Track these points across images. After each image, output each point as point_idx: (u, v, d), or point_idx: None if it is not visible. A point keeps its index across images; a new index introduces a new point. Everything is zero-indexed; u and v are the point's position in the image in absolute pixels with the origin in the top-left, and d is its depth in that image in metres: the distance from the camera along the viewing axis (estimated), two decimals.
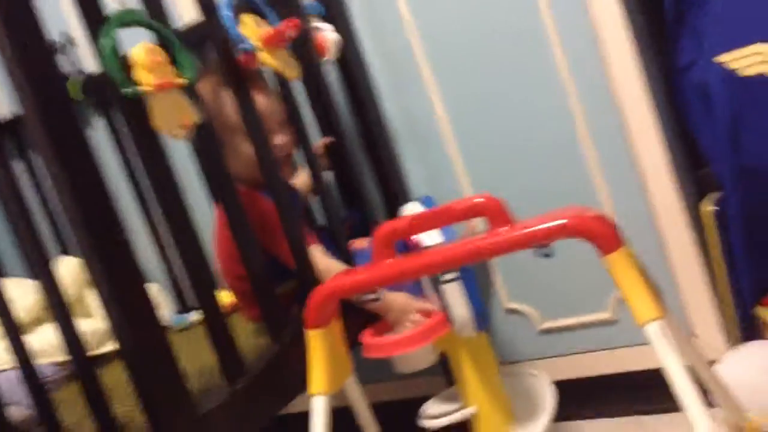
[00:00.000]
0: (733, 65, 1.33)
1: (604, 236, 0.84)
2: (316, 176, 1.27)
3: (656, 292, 0.85)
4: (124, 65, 0.92)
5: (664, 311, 0.83)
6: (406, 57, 1.50)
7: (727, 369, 1.25)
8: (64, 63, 1.77)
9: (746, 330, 1.39)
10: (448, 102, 1.49)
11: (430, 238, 1.11)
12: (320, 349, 0.98)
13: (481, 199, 0.91)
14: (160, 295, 1.72)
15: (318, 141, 1.44)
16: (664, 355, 0.81)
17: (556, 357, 1.53)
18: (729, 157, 1.37)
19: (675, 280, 1.37)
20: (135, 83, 0.92)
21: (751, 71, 1.31)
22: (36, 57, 0.83)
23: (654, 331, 0.81)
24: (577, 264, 1.44)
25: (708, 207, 1.39)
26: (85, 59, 1.74)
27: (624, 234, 0.87)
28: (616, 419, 1.48)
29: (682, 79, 1.39)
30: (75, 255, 1.59)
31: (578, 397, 1.48)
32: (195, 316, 1.64)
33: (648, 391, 1.44)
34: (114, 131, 1.72)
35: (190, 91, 1.00)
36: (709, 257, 1.39)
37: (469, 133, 1.49)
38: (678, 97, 1.42)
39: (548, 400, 1.24)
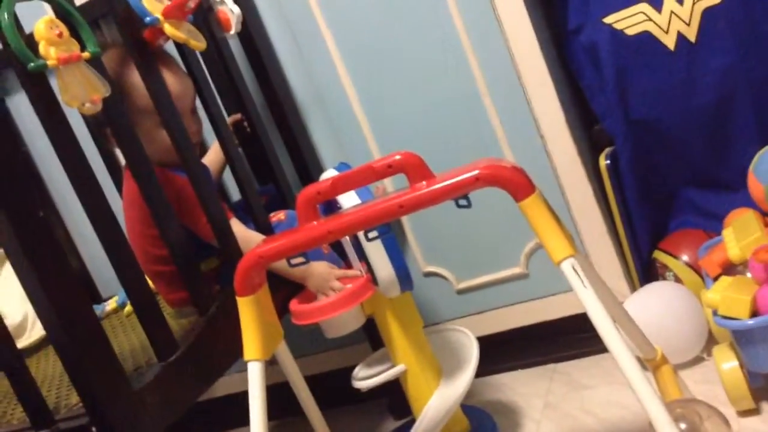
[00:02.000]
0: (618, 26, 1.42)
1: (518, 183, 0.89)
2: (230, 152, 1.27)
3: (567, 233, 0.90)
4: (28, 42, 0.89)
5: (576, 250, 0.88)
6: (306, 24, 1.49)
7: (632, 309, 1.34)
8: None
9: (645, 274, 1.50)
10: (351, 67, 1.50)
11: (349, 200, 1.13)
12: (252, 316, 0.99)
13: (400, 156, 0.94)
14: None
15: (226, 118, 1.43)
16: (581, 291, 0.86)
17: (474, 315, 1.59)
18: (618, 113, 1.46)
19: (577, 229, 1.44)
20: (39, 58, 0.90)
21: (635, 30, 1.41)
22: None
23: (569, 267, 0.86)
24: (486, 224, 1.50)
25: (604, 161, 1.48)
26: None
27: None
28: (532, 369, 1.56)
29: (572, 42, 1.47)
30: None
31: (497, 351, 1.55)
32: (109, 305, 1.61)
33: (561, 338, 1.53)
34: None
35: (95, 64, 0.97)
36: (608, 208, 1.48)
37: (374, 97, 1.51)
38: (570, 59, 1.50)
39: (472, 353, 1.29)
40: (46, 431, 0.94)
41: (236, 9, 1.33)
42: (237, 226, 1.22)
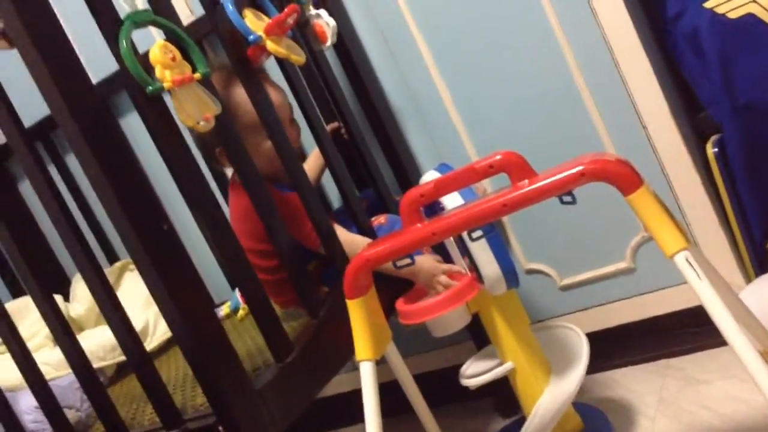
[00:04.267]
0: (720, 9, 1.37)
1: (625, 176, 0.87)
2: (331, 158, 1.30)
3: (680, 224, 0.88)
4: (143, 66, 0.95)
5: (690, 241, 0.86)
6: (399, 31, 1.52)
7: (747, 301, 1.29)
8: None
9: (760, 264, 1.43)
10: (445, 71, 1.51)
11: (453, 201, 1.14)
12: (361, 317, 1.02)
13: (500, 156, 0.94)
14: None
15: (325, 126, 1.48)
16: (696, 284, 0.84)
17: (579, 311, 1.57)
18: (724, 99, 1.41)
19: (687, 221, 1.40)
20: (156, 81, 0.96)
21: (738, 13, 1.35)
22: (61, 58, 0.86)
23: (683, 260, 0.85)
24: (589, 219, 1.48)
25: (711, 149, 1.43)
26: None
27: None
28: (643, 365, 1.53)
29: (673, 29, 1.43)
30: None
31: (605, 348, 1.52)
32: (223, 311, 1.68)
33: (672, 333, 1.49)
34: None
35: (206, 84, 1.03)
36: (718, 197, 1.43)
37: (468, 98, 1.52)
38: (671, 47, 1.45)
39: (582, 349, 1.28)
40: (177, 431, 0.99)
41: (332, 21, 1.37)
42: (341, 231, 1.25)
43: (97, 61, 1.25)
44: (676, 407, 1.33)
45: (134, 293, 1.68)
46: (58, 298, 1.66)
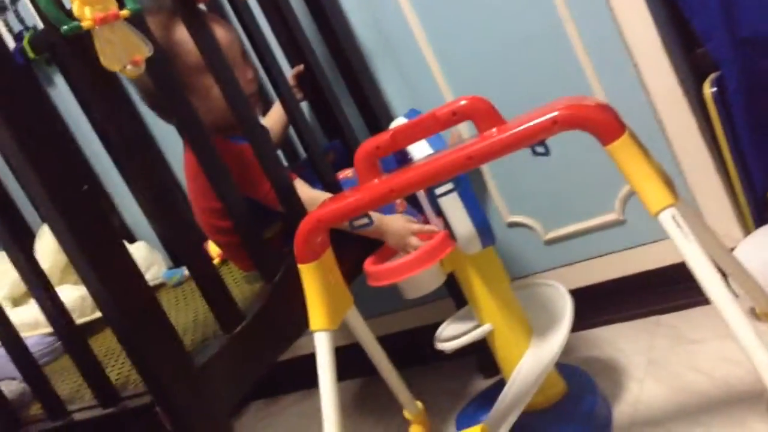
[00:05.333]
0: None
1: (604, 124, 0.77)
2: (291, 108, 1.19)
3: (666, 178, 0.78)
4: (63, 6, 0.84)
5: (676, 196, 0.76)
6: None
7: (744, 255, 1.19)
8: (11, 22, 1.67)
9: (760, 215, 1.34)
10: (418, 4, 1.38)
11: (420, 150, 1.03)
12: (315, 283, 0.92)
13: (465, 102, 0.83)
14: (150, 252, 1.67)
15: (287, 71, 1.36)
16: (682, 244, 0.75)
17: (564, 266, 1.48)
18: (724, 32, 1.29)
19: (681, 168, 1.30)
20: (75, 20, 0.84)
21: None
22: None
23: (668, 218, 0.75)
24: (576, 167, 1.38)
25: (709, 89, 1.31)
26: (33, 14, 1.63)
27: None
28: (632, 322, 1.44)
29: None
30: None
31: (592, 304, 1.43)
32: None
33: (663, 289, 1.40)
34: (73, 85, 1.62)
35: (136, 23, 0.91)
36: (716, 142, 1.32)
37: (444, 35, 1.39)
38: None
39: (565, 308, 1.19)
40: (113, 409, 0.91)
41: None
42: (302, 187, 1.15)
43: None
44: (667, 369, 1.25)
45: None
46: None
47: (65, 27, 0.83)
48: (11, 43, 1.66)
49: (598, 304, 1.46)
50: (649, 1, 1.24)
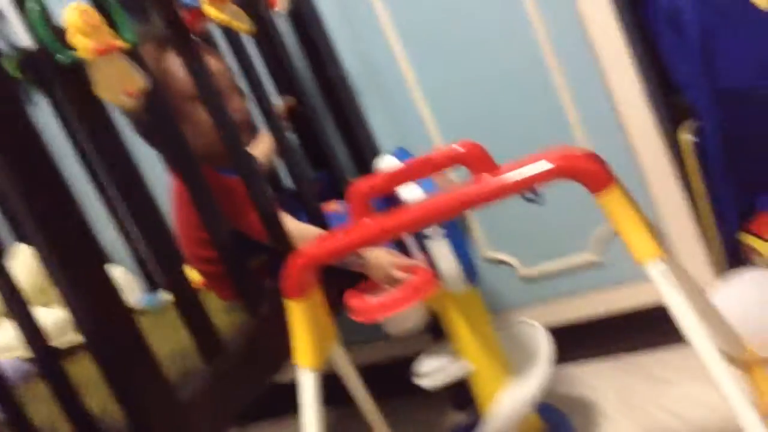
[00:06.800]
0: None
1: (595, 175, 0.79)
2: (278, 139, 1.20)
3: (653, 228, 0.80)
4: (59, 33, 0.83)
5: (663, 248, 0.78)
6: (359, 2, 1.41)
7: (718, 299, 1.22)
8: None
9: (731, 257, 1.37)
10: (408, 46, 1.41)
11: (410, 191, 1.05)
12: (302, 320, 0.92)
13: (460, 148, 0.84)
14: (126, 278, 1.64)
15: (277, 102, 1.36)
16: (668, 295, 0.76)
17: (541, 303, 1.49)
18: (703, 82, 1.33)
19: (656, 210, 1.33)
20: (71, 50, 0.84)
21: None
22: None
23: (655, 270, 0.77)
24: (553, 206, 1.39)
25: (685, 135, 1.35)
26: (20, 34, 1.61)
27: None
28: (606, 360, 1.47)
29: (650, 5, 1.34)
30: None
31: (568, 341, 1.44)
32: (166, 295, 1.57)
33: (638, 328, 1.42)
34: (58, 108, 1.60)
35: (132, 55, 0.91)
36: (690, 186, 1.36)
37: (432, 76, 1.41)
38: (648, 24, 1.36)
39: (544, 348, 1.20)
40: None
41: None
42: (289, 221, 1.15)
43: None
44: (639, 409, 1.27)
45: None
46: None
47: (61, 56, 0.83)
48: None
49: (572, 341, 1.47)
50: (632, 47, 1.28)
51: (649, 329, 1.40)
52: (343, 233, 0.89)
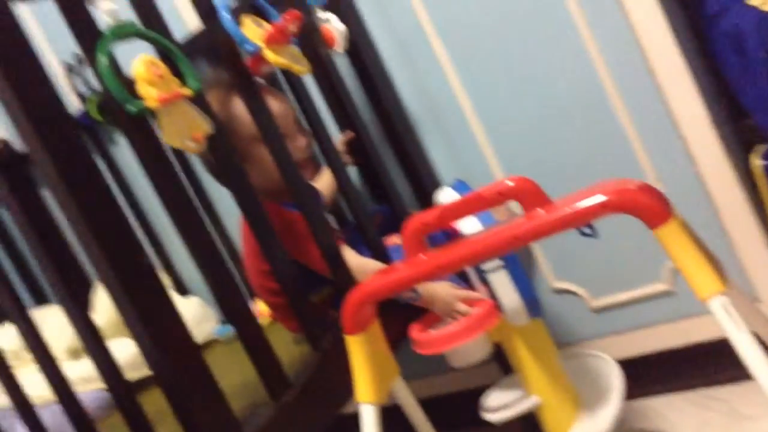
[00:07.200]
0: (766, 7, 1.24)
1: (651, 209, 0.77)
2: (337, 174, 1.22)
3: (715, 262, 0.78)
4: (128, 83, 0.88)
5: (726, 283, 0.76)
6: (416, 37, 1.43)
7: None
8: (78, 83, 1.76)
9: None
10: (466, 79, 1.42)
11: (469, 225, 1.05)
12: (362, 355, 0.94)
13: (511, 183, 0.84)
14: (202, 308, 1.69)
15: (337, 137, 1.39)
16: (731, 331, 0.75)
17: (613, 335, 1.45)
18: None
19: (730, 242, 1.28)
20: (138, 99, 0.89)
21: None
22: (37, 93, 0.80)
23: (717, 306, 0.75)
24: (624, 234, 1.36)
25: (757, 161, 1.30)
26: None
27: (672, 202, 0.80)
28: (683, 394, 1.41)
29: (713, 28, 1.31)
30: None
31: (642, 374, 1.41)
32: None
33: (715, 361, 1.36)
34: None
35: (197, 101, 0.95)
36: (764, 211, 1.31)
37: (491, 108, 1.42)
38: (710, 47, 1.33)
39: (615, 382, 1.17)
40: None
41: (341, 26, 1.28)
42: (350, 255, 1.17)
43: None
44: None
45: None
46: None
47: (130, 107, 0.88)
48: (77, 104, 1.75)
49: (647, 374, 1.43)
50: (694, 73, 1.25)
51: (729, 362, 1.34)
52: (399, 269, 0.90)
